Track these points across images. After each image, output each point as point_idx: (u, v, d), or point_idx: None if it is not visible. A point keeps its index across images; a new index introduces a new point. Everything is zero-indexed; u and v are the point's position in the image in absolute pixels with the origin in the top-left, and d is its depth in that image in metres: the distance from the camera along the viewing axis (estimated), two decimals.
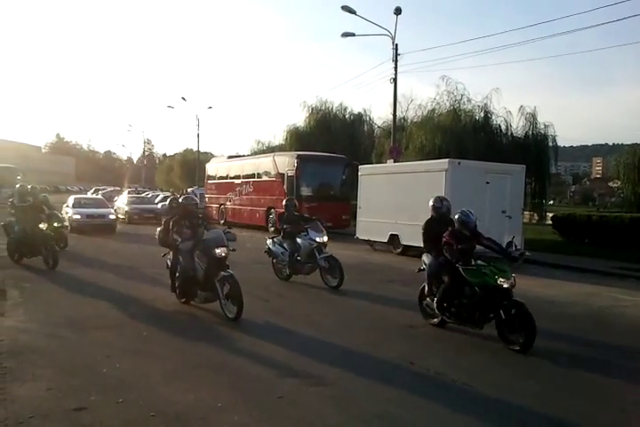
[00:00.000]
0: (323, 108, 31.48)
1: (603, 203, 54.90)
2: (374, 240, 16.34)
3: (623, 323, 8.03)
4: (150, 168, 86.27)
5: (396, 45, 20.89)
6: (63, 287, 9.27)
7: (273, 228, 21.86)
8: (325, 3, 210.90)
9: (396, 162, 19.80)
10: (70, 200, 21.06)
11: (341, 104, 31.77)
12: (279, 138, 35.08)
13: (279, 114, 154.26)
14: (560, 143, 25.94)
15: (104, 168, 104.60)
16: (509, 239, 6.64)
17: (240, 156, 30.54)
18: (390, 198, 15.39)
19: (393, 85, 21.30)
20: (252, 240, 19.13)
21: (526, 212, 21.11)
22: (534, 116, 23.48)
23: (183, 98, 44.49)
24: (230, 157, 29.64)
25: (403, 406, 4.45)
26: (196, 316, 7.49)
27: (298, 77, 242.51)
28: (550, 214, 22.48)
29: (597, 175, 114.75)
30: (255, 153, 34.89)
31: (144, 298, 8.51)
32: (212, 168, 29.21)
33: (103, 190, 46.98)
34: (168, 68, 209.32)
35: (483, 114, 23.34)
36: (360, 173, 17.40)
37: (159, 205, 26.96)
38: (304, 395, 4.64)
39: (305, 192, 20.82)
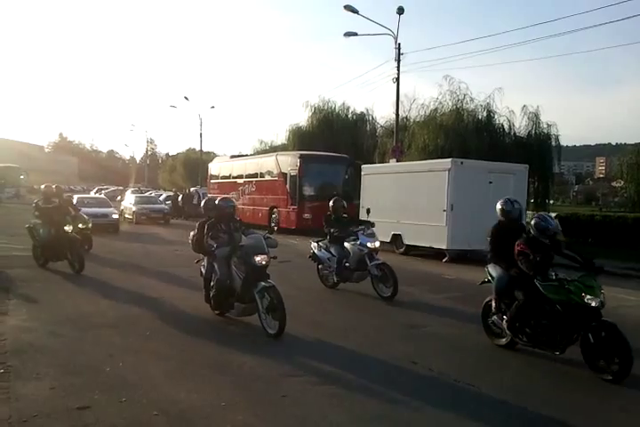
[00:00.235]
0: (325, 107, 31.43)
1: (606, 203, 54.78)
2: None
3: (627, 323, 7.98)
4: (153, 168, 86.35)
5: (399, 45, 20.88)
6: (66, 287, 9.29)
7: (275, 227, 21.89)
8: (328, 2, 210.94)
9: (398, 161, 19.78)
10: (73, 200, 21.07)
11: (344, 104, 31.72)
12: (282, 137, 35.04)
13: (282, 113, 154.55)
14: (563, 143, 25.89)
15: (107, 168, 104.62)
16: None
17: (243, 155, 30.58)
18: (393, 198, 15.39)
19: (395, 85, 21.30)
20: None
21: (529, 211, 21.03)
22: (537, 115, 23.41)
23: (186, 97, 44.57)
24: (233, 156, 29.70)
25: (405, 405, 4.45)
26: (199, 315, 7.49)
27: (300, 77, 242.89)
28: (553, 214, 22.41)
29: (600, 175, 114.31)
30: (258, 153, 34.87)
31: (147, 297, 8.52)
32: (214, 168, 29.25)
33: (106, 190, 47.13)
34: (171, 67, 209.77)
35: (485, 113, 23.28)
36: (363, 172, 17.41)
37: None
38: (307, 394, 4.65)
39: (307, 192, 20.84)
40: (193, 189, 33.76)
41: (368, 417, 4.22)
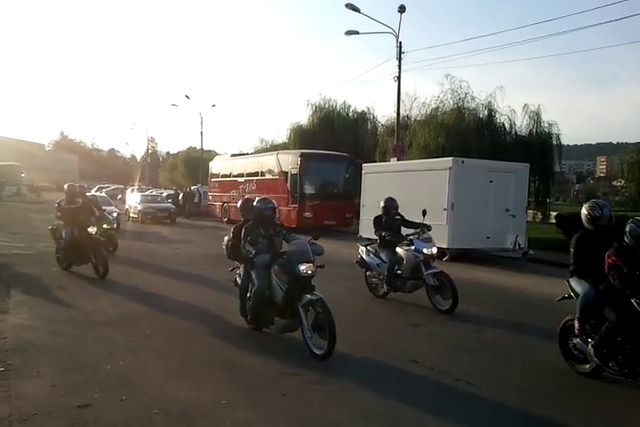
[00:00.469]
0: (326, 106, 31.45)
1: (607, 202, 54.60)
2: (376, 238, 16.28)
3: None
4: (154, 166, 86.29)
5: (400, 43, 20.87)
6: (66, 285, 9.29)
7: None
8: (329, 1, 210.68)
9: (399, 160, 19.78)
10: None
11: (345, 102, 31.75)
12: (283, 136, 35.09)
13: (283, 112, 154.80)
14: (564, 142, 25.88)
15: (108, 166, 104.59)
16: (513, 238, 6.52)
17: (243, 154, 30.59)
18: (394, 197, 15.36)
19: (397, 83, 21.29)
20: None
21: (530, 210, 21.02)
22: (538, 114, 23.42)
23: (187, 96, 44.80)
24: (234, 155, 29.70)
25: (405, 404, 4.45)
26: (199, 313, 7.49)
27: (301, 75, 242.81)
28: (554, 213, 22.42)
29: (601, 174, 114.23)
30: (259, 151, 34.90)
31: (147, 295, 8.53)
32: (215, 166, 29.25)
33: (107, 188, 47.18)
34: (172, 66, 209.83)
35: (487, 112, 23.27)
36: (363, 171, 17.41)
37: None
38: (308, 392, 4.65)
39: (308, 190, 20.84)
40: (194, 188, 33.76)
41: (368, 416, 4.23)
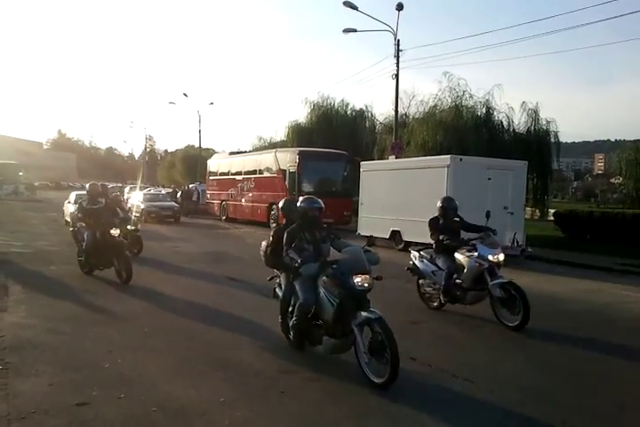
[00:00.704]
0: (324, 104, 31.39)
1: (605, 199, 54.76)
2: (376, 236, 16.28)
3: (626, 319, 8.02)
4: (152, 164, 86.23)
5: (398, 41, 20.82)
6: (65, 283, 9.28)
7: (275, 224, 21.90)
8: None
9: (397, 158, 19.77)
10: (72, 196, 21.04)
11: (343, 100, 31.67)
12: (281, 134, 35.01)
13: (281, 110, 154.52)
14: (562, 139, 25.84)
15: (105, 164, 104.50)
16: (511, 235, 6.51)
17: (241, 152, 30.58)
18: (392, 195, 15.40)
19: (395, 81, 21.24)
20: (254, 236, 19.18)
21: (528, 208, 21.05)
22: (536, 112, 23.41)
23: (185, 94, 44.41)
24: (232, 153, 29.71)
25: (404, 401, 4.45)
26: (198, 312, 7.48)
27: (299, 73, 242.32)
28: (552, 211, 22.45)
29: (599, 171, 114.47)
30: (257, 149, 34.87)
31: (145, 293, 8.52)
32: (213, 164, 29.22)
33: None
34: (170, 64, 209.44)
35: (485, 110, 23.27)
36: (362, 169, 17.39)
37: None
38: (306, 390, 4.65)
39: (306, 188, 20.79)
40: (192, 186, 33.73)
41: (366, 413, 4.23)
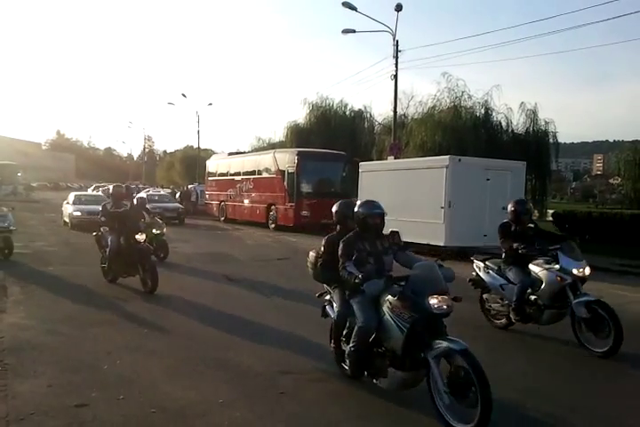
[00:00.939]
0: (323, 104, 31.43)
1: (603, 199, 54.83)
2: None
3: (625, 319, 8.00)
4: (151, 165, 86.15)
5: (397, 42, 20.80)
6: (63, 284, 9.27)
7: (273, 224, 21.91)
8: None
9: (396, 159, 19.78)
10: (71, 197, 21.07)
11: (342, 101, 31.72)
12: (279, 135, 35.07)
13: (279, 111, 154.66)
14: (561, 140, 25.96)
15: (104, 165, 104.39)
16: None
17: (240, 152, 30.58)
18: (391, 195, 15.34)
19: (393, 82, 21.23)
20: (253, 237, 19.18)
21: None
22: (535, 112, 23.49)
23: (183, 95, 44.46)
24: (231, 153, 29.71)
25: (404, 402, 4.44)
26: (196, 312, 7.47)
27: (298, 74, 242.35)
28: (551, 211, 22.48)
29: (598, 172, 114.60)
30: (255, 150, 34.88)
31: (143, 294, 8.50)
32: (212, 165, 29.22)
33: (103, 187, 47.05)
34: (168, 64, 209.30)
35: (483, 110, 23.33)
36: (360, 169, 17.39)
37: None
38: (306, 391, 4.64)
39: (305, 189, 20.86)
40: (191, 187, 33.74)
41: (366, 414, 4.22)
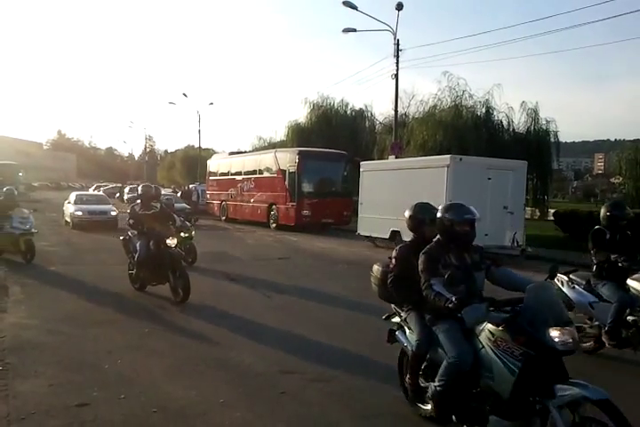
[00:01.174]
0: (324, 104, 31.38)
1: (604, 199, 54.75)
2: (376, 236, 16.33)
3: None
4: (152, 165, 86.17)
5: (398, 41, 20.80)
6: (64, 284, 9.27)
7: (274, 224, 21.91)
8: None
9: (397, 158, 19.77)
10: (72, 197, 21.05)
11: (343, 100, 31.66)
12: (280, 134, 35.03)
13: (280, 110, 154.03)
14: (562, 139, 25.90)
15: (105, 165, 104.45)
16: (511, 235, 6.51)
17: (241, 152, 30.59)
18: (392, 194, 15.36)
19: (394, 81, 21.23)
20: (254, 236, 19.19)
21: (528, 208, 21.03)
22: (536, 111, 23.43)
23: (184, 94, 44.40)
24: (232, 153, 29.70)
25: (404, 402, 4.44)
26: (198, 312, 7.47)
27: (299, 73, 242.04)
28: (552, 210, 22.43)
29: (599, 171, 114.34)
30: (256, 149, 34.88)
31: (144, 294, 8.51)
32: (213, 164, 29.23)
33: (104, 187, 47.10)
34: (169, 64, 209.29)
35: (484, 110, 23.28)
36: (361, 169, 17.39)
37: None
38: (306, 391, 4.64)
39: (306, 188, 20.85)
40: (192, 186, 33.69)
41: (367, 414, 4.22)
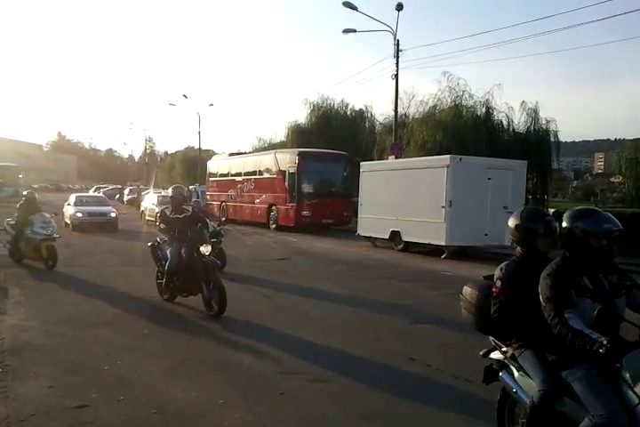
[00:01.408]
0: (324, 104, 31.39)
1: (604, 198, 54.71)
2: (376, 237, 16.34)
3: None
4: (152, 166, 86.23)
5: (398, 41, 20.79)
6: (64, 286, 9.26)
7: (274, 225, 21.92)
8: None
9: (397, 158, 19.76)
10: (72, 198, 21.08)
11: (343, 101, 31.68)
12: (280, 135, 35.05)
13: (280, 111, 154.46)
14: (562, 138, 25.85)
15: (105, 166, 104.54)
16: None
17: (241, 153, 30.56)
18: (392, 195, 15.39)
19: (394, 81, 21.23)
20: (254, 237, 19.19)
21: None
22: (536, 111, 23.41)
23: (184, 95, 44.46)
24: (232, 154, 29.69)
25: (404, 402, 4.44)
26: (198, 313, 7.47)
27: (299, 74, 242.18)
28: (552, 210, 22.41)
29: (599, 171, 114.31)
30: (256, 150, 34.88)
31: (145, 295, 8.50)
32: (213, 166, 29.24)
33: (104, 188, 47.14)
34: (169, 65, 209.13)
35: (484, 110, 23.26)
36: (361, 169, 17.40)
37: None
38: (306, 392, 4.64)
39: (306, 189, 20.85)
40: (192, 187, 33.71)
41: (367, 414, 4.22)
